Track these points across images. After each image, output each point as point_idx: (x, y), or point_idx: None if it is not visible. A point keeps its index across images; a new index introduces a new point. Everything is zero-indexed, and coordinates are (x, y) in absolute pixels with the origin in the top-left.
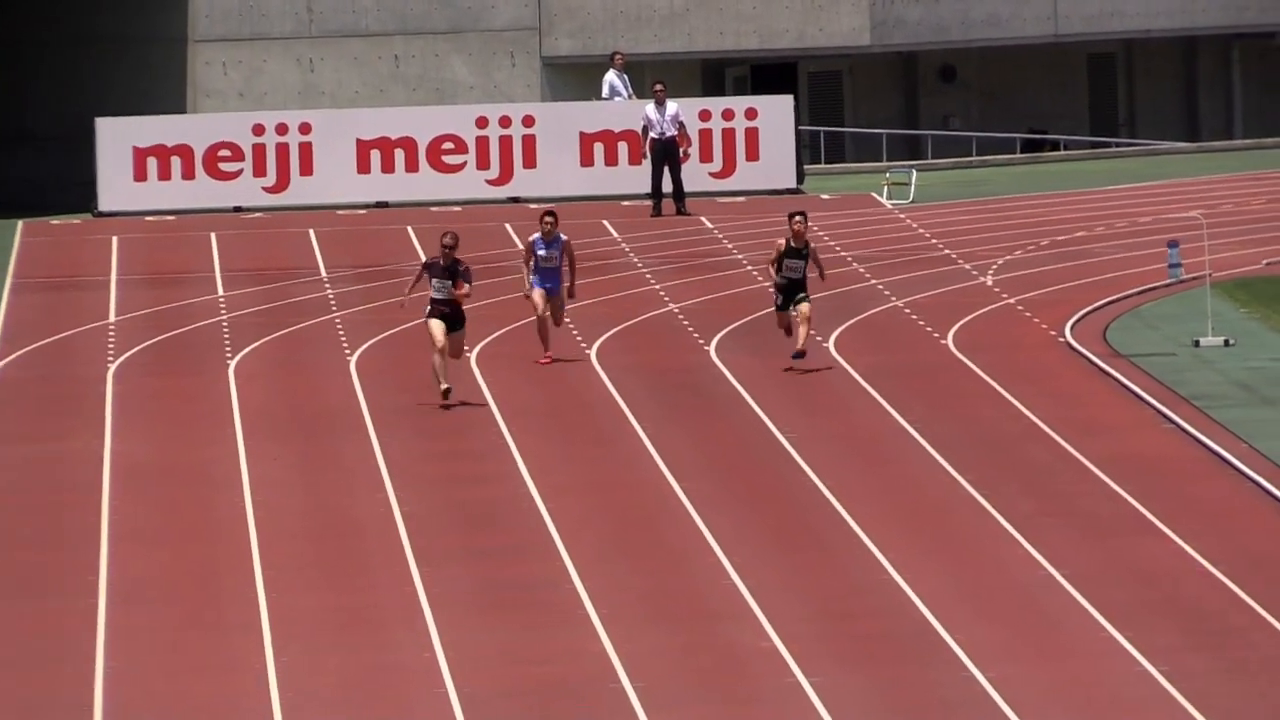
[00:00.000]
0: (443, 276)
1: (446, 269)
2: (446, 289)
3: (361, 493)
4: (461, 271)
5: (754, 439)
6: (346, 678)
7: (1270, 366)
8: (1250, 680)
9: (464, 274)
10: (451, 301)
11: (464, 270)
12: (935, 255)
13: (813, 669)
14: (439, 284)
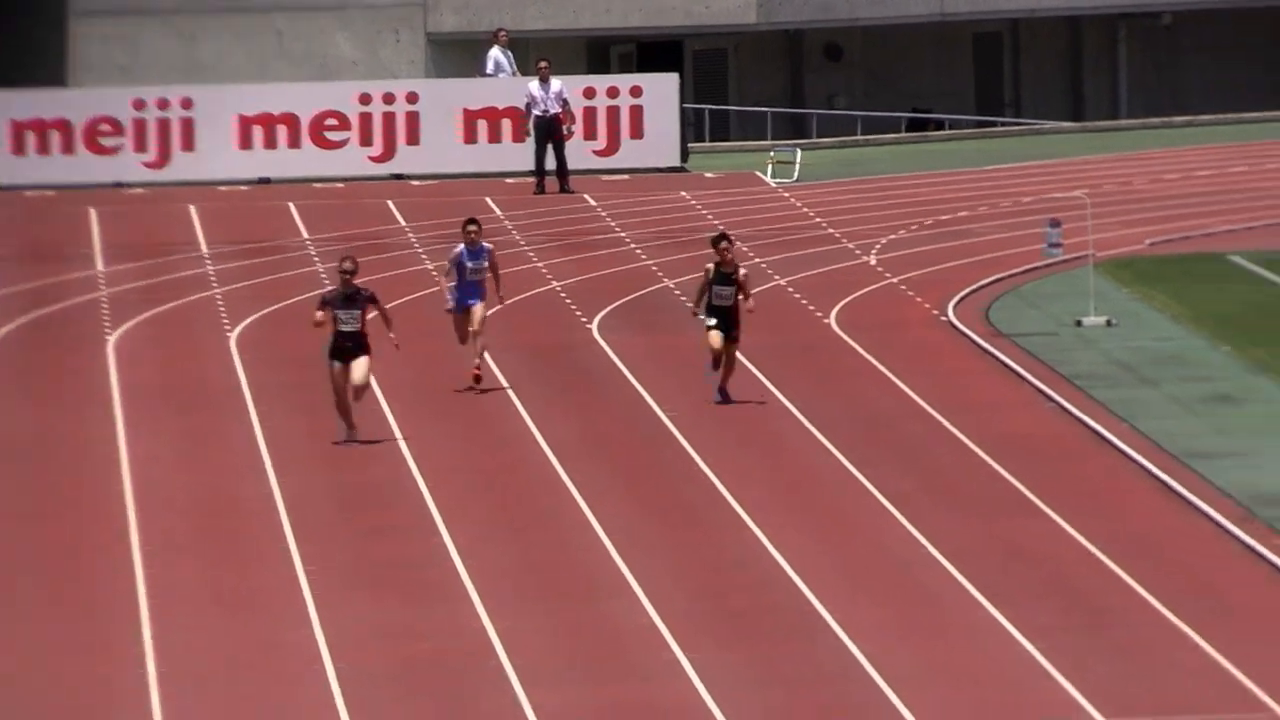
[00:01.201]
0: (346, 307)
1: (348, 298)
2: (353, 319)
3: (241, 470)
4: (365, 298)
5: (635, 417)
6: (224, 655)
7: (1151, 346)
8: (1128, 658)
9: (369, 298)
10: (356, 334)
11: (367, 295)
12: (819, 234)
13: (691, 645)
14: (345, 315)
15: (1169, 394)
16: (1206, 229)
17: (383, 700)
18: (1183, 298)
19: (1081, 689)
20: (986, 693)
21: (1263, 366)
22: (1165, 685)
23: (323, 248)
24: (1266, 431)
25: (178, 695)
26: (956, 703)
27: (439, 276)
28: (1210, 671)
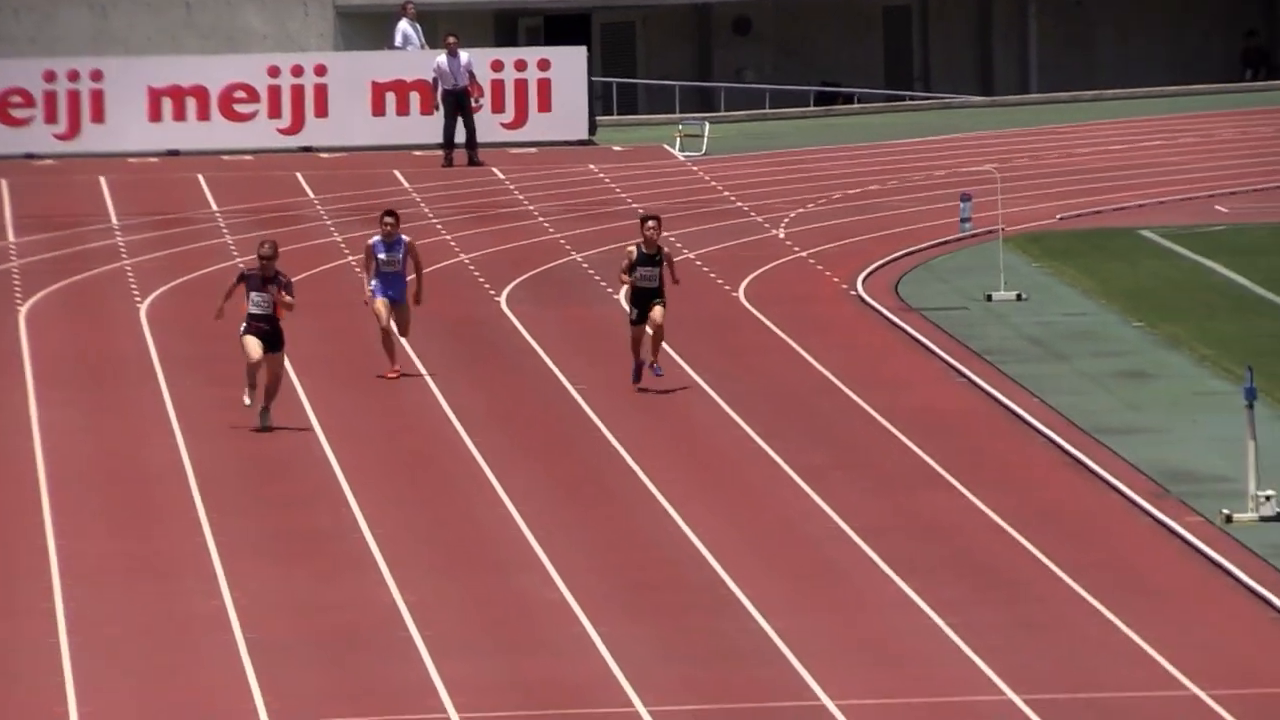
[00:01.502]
0: (261, 289)
1: (265, 280)
2: (266, 303)
3: (151, 440)
4: (282, 283)
5: (544, 391)
6: (135, 624)
7: (1062, 321)
8: (1040, 634)
9: (285, 285)
10: (270, 318)
11: (285, 282)
12: (727, 208)
13: (601, 619)
14: (258, 297)
15: (1080, 369)
16: (1117, 203)
17: (292, 671)
18: (1094, 272)
19: (993, 665)
20: (898, 669)
21: (1174, 342)
22: (1077, 661)
23: (232, 219)
24: (1178, 408)
25: (89, 664)
26: (868, 679)
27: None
28: (1123, 648)
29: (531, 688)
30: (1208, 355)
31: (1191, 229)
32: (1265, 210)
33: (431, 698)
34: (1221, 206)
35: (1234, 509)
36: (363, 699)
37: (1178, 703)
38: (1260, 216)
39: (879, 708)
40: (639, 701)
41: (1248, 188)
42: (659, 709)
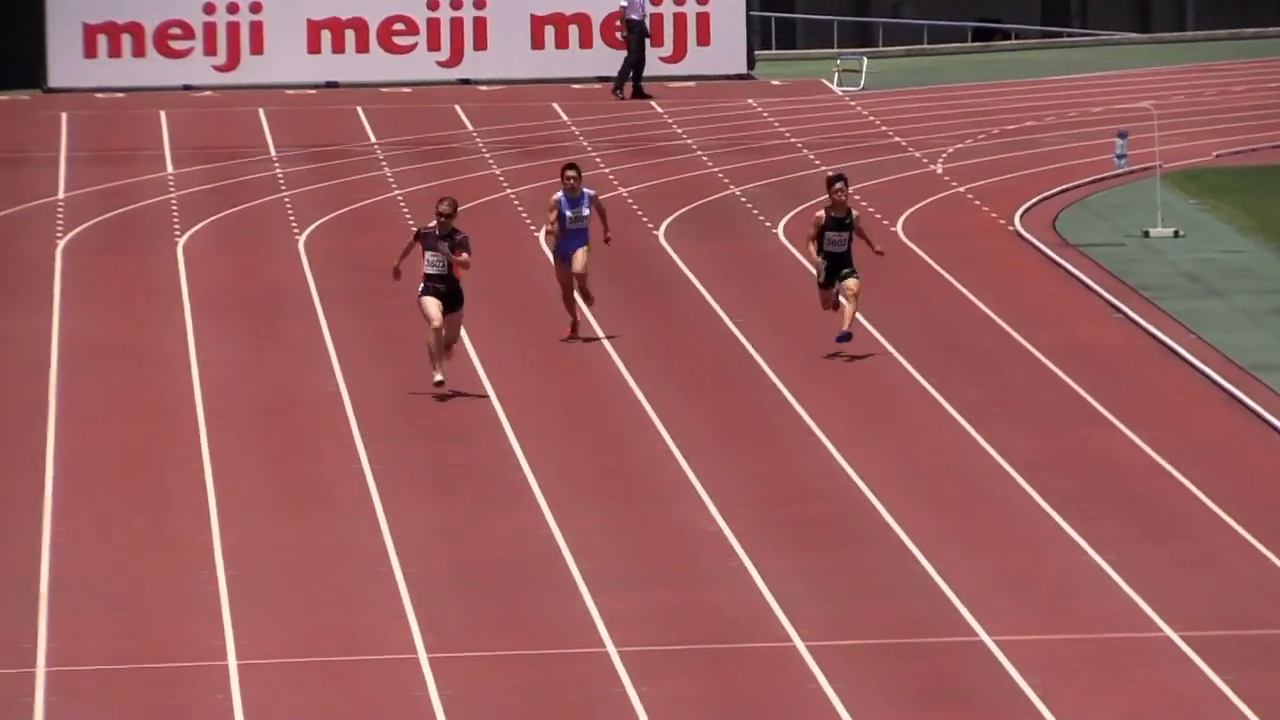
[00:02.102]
0: (438, 249)
1: (443, 238)
2: (443, 262)
3: (308, 372)
4: (459, 241)
5: (703, 325)
6: (291, 557)
7: (1219, 258)
8: (1196, 571)
9: (462, 243)
10: (449, 277)
11: (462, 239)
12: (885, 143)
13: (758, 553)
14: (434, 257)
15: (1237, 306)
16: (1275, 141)
17: (449, 603)
18: (1251, 209)
19: (1150, 602)
20: (1055, 605)
21: None
22: (1234, 598)
23: (390, 152)
24: None
25: (246, 596)
26: (1025, 615)
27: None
28: (1277, 584)
29: (688, 621)
30: None
31: None
32: None
33: (589, 631)
34: None
35: None
36: (519, 633)
37: None
38: None
39: (1035, 644)
40: (795, 635)
41: None
42: (815, 644)
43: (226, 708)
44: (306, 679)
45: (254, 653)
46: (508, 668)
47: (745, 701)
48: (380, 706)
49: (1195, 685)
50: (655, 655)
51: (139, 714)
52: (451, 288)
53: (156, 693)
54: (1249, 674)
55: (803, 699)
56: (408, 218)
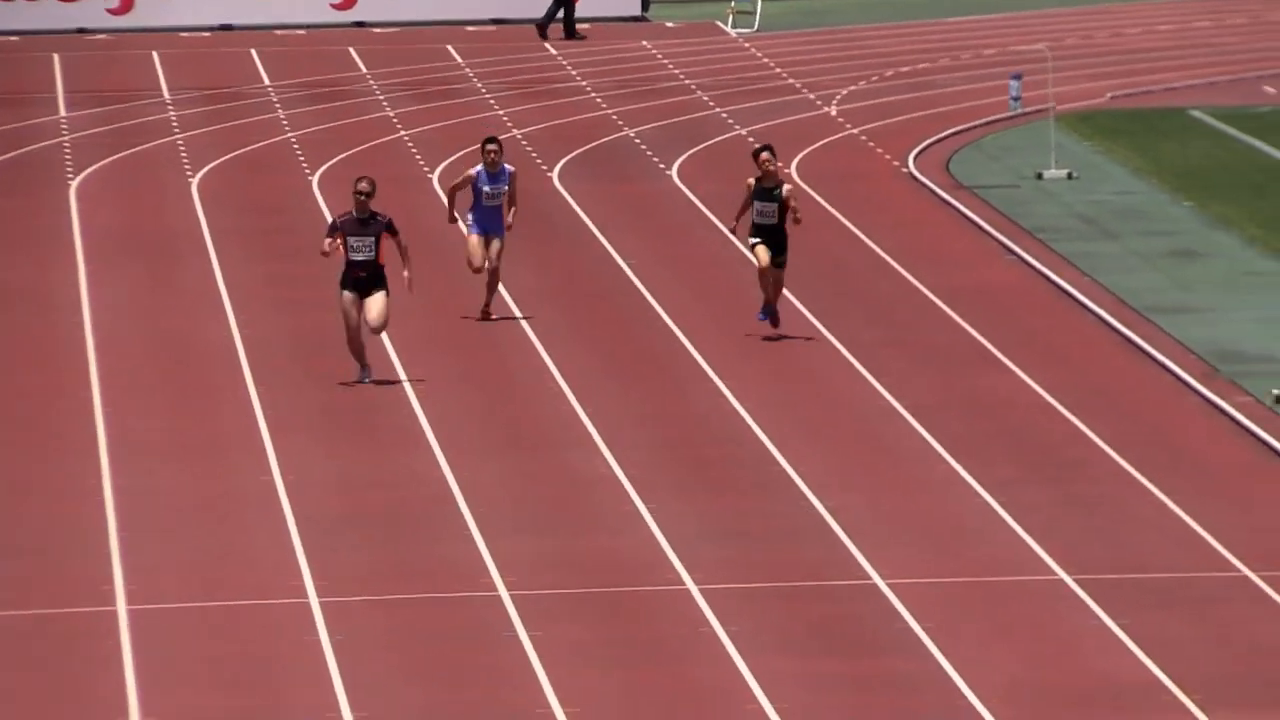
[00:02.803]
0: (360, 233)
1: (363, 223)
2: (367, 247)
3: (202, 316)
4: (382, 224)
5: (596, 266)
6: (183, 501)
7: (1113, 200)
8: (1089, 514)
9: (387, 225)
10: (371, 263)
11: (384, 222)
12: (779, 84)
13: (651, 496)
14: (357, 242)
15: (1130, 248)
16: (1168, 83)
17: (341, 547)
18: (1144, 152)
19: (1044, 545)
20: (949, 547)
21: (1224, 221)
22: (1128, 542)
23: (284, 94)
24: (1228, 287)
25: (137, 541)
26: (918, 557)
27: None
28: (1174, 528)
29: (582, 565)
30: (1257, 235)
31: (1241, 109)
32: None
33: (482, 576)
34: (1270, 87)
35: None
36: (411, 576)
37: (1228, 584)
38: None
39: (928, 586)
40: (689, 579)
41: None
42: (709, 587)
43: (116, 653)
44: (197, 624)
45: (144, 598)
46: (400, 612)
47: (638, 645)
48: (272, 651)
49: (1089, 629)
50: (548, 599)
51: (28, 660)
52: (374, 273)
53: (44, 639)
54: (1143, 617)
55: (696, 642)
56: (301, 160)
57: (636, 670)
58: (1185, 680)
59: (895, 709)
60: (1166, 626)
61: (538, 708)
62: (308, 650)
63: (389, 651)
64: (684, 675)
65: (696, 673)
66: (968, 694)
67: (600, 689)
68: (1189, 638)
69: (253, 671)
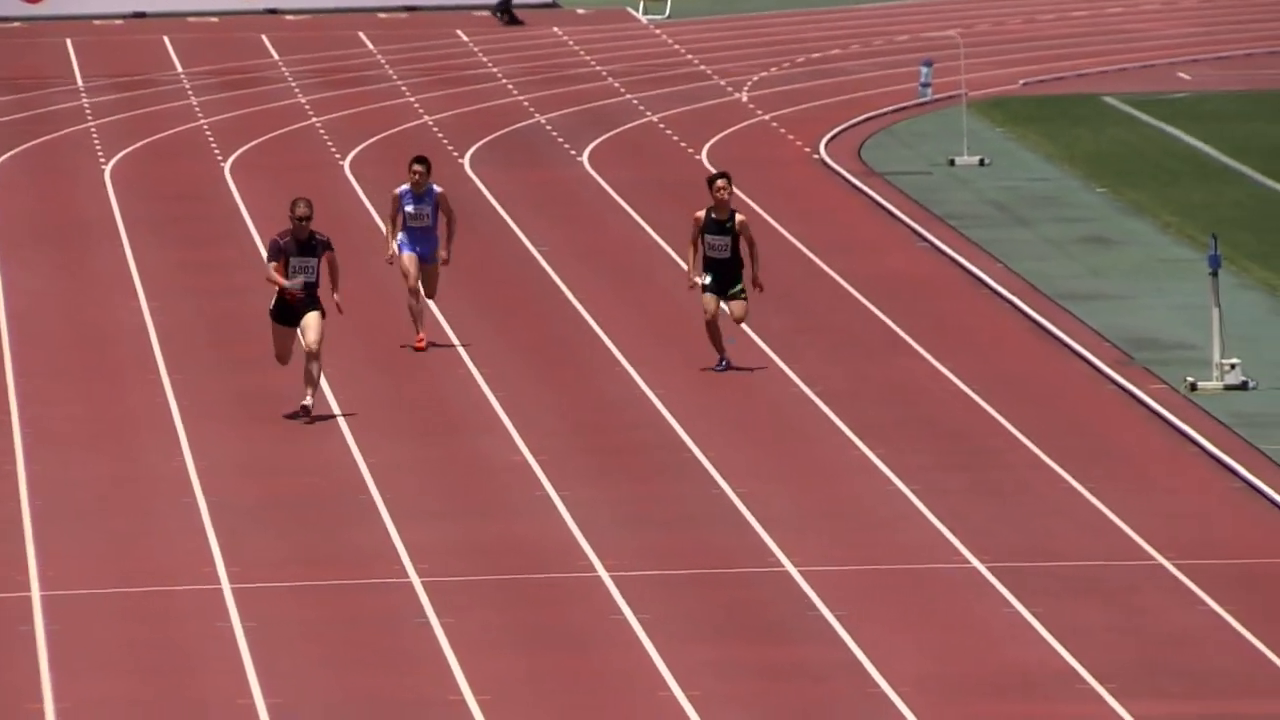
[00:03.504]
0: (302, 254)
1: (305, 244)
2: (309, 270)
3: (115, 302)
4: (323, 244)
5: (507, 252)
6: (98, 488)
7: (1025, 186)
8: (1002, 501)
9: (325, 244)
10: (311, 285)
11: (324, 242)
12: (690, 71)
13: (563, 483)
14: (300, 263)
15: (1043, 235)
16: (1081, 70)
17: (253, 534)
18: (1057, 138)
19: (956, 532)
20: (861, 534)
21: (1137, 208)
22: (1041, 529)
23: (197, 81)
24: (1142, 274)
25: (51, 525)
26: (829, 544)
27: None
28: (1087, 516)
29: (493, 552)
30: (1171, 222)
31: (1154, 96)
32: (1226, 78)
33: (393, 562)
34: (1184, 74)
35: (1198, 377)
36: (324, 563)
37: (1141, 572)
38: (1222, 84)
39: (841, 574)
40: (600, 566)
41: (1209, 55)
42: (621, 574)
43: (30, 638)
44: (111, 609)
45: (57, 583)
46: (312, 598)
47: (549, 632)
48: (184, 637)
49: (1002, 616)
50: (459, 586)
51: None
52: (311, 295)
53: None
54: (1057, 605)
55: (607, 629)
56: (214, 147)
57: (548, 657)
58: (1099, 669)
59: (806, 696)
60: (1080, 614)
61: (449, 694)
62: (220, 637)
63: (301, 638)
64: (596, 662)
65: (608, 660)
66: (880, 681)
67: (512, 676)
68: (1103, 626)
69: (165, 658)
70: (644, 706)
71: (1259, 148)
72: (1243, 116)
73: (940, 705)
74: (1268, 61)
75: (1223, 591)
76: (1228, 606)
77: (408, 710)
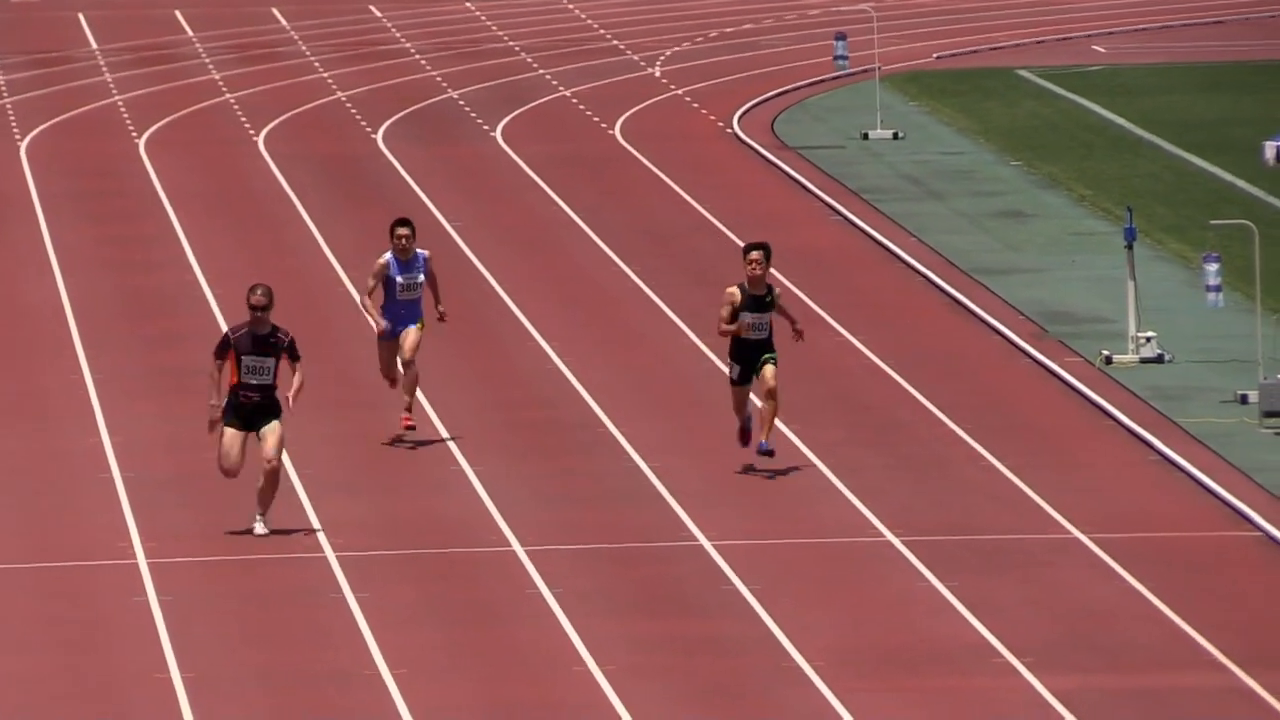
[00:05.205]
0: (257, 352)
1: (261, 340)
2: (265, 370)
3: (30, 278)
4: (284, 345)
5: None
6: (13, 463)
7: (938, 160)
8: (918, 476)
9: (290, 348)
10: (267, 387)
11: (286, 343)
12: (602, 45)
13: (478, 459)
14: (253, 362)
15: (957, 208)
16: (994, 43)
17: (169, 509)
18: (971, 111)
19: (872, 507)
20: (776, 509)
21: (1052, 181)
22: (957, 504)
23: (111, 58)
24: (1056, 247)
25: None
26: (744, 519)
27: (363, 300)
28: (1003, 490)
29: (409, 527)
30: (1086, 195)
31: (1068, 69)
32: (1142, 51)
33: (308, 537)
34: (1099, 46)
35: (1114, 350)
36: (240, 539)
37: (1057, 546)
38: (1137, 57)
39: (756, 548)
40: (515, 541)
41: (1124, 28)
42: (536, 548)
43: None
44: (27, 585)
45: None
46: (228, 573)
47: (464, 606)
48: (101, 612)
49: (918, 590)
50: (374, 560)
51: None
52: (267, 397)
53: None
54: (972, 579)
55: (522, 604)
56: (128, 124)
57: (464, 631)
58: (1015, 643)
59: (721, 670)
60: (996, 589)
61: (365, 669)
62: (136, 611)
63: (217, 613)
64: (511, 636)
65: (523, 634)
66: (794, 655)
67: (427, 650)
68: (1019, 600)
69: (82, 632)
70: (560, 680)
71: (1173, 120)
72: (1157, 90)
73: (854, 679)
74: (1183, 34)
75: (1139, 565)
76: (1144, 580)
77: (324, 683)
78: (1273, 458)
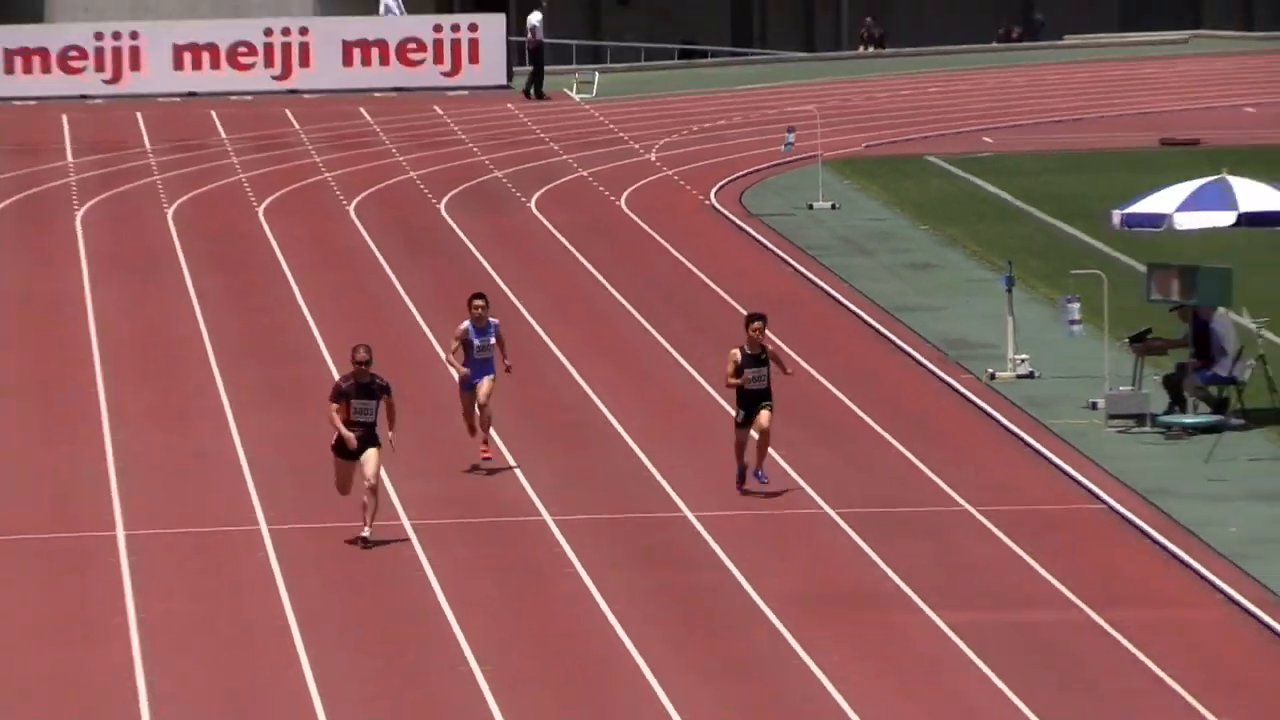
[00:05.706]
0: (364, 397)
1: (364, 388)
2: (371, 411)
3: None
4: (381, 388)
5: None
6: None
7: (866, 225)
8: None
9: (384, 389)
10: (372, 425)
11: (383, 386)
12: (612, 137)
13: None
14: (361, 405)
15: (881, 262)
16: (909, 136)
17: (284, 489)
18: (891, 188)
19: (816, 488)
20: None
21: (952, 241)
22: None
23: (237, 145)
24: (956, 291)
25: (131, 486)
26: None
27: (448, 357)
28: (912, 474)
29: (468, 504)
30: (977, 251)
31: (966, 156)
32: (1021, 141)
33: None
34: (988, 138)
35: (997, 369)
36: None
37: (952, 516)
38: (1018, 146)
39: (725, 518)
40: (546, 513)
41: (1008, 124)
42: (561, 518)
43: None
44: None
45: None
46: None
47: (509, 566)
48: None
49: (850, 549)
50: (441, 528)
51: None
52: (370, 431)
53: None
54: (889, 541)
55: (551, 560)
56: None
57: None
58: (920, 588)
59: (702, 609)
60: (906, 547)
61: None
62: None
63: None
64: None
65: (553, 583)
66: (755, 598)
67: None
68: (922, 555)
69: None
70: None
71: (1045, 195)
72: (1033, 171)
73: (801, 615)
74: (1052, 129)
75: (1013, 530)
76: (1017, 541)
77: (403, 621)
78: (1116, 449)
